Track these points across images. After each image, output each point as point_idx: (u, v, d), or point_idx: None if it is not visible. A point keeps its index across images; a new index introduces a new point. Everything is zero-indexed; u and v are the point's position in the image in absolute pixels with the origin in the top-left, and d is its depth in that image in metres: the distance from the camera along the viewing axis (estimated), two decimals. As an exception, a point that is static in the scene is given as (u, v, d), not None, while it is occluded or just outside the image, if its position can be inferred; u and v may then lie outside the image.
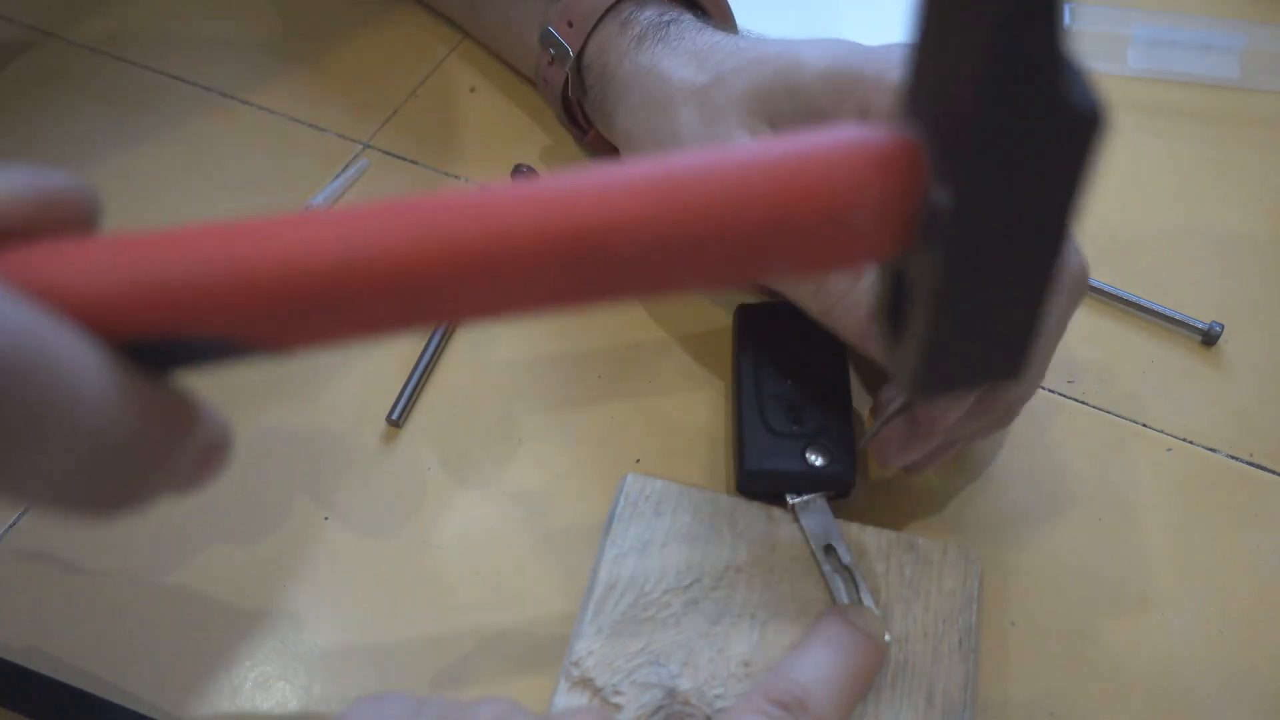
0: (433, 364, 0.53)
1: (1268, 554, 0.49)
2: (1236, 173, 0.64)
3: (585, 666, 0.42)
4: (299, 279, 0.25)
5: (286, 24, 0.69)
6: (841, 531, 0.46)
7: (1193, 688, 0.45)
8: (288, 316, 0.26)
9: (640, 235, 0.26)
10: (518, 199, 0.26)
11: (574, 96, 0.58)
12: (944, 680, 0.42)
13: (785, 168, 0.25)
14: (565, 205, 0.26)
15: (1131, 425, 0.53)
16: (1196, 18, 0.70)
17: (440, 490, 0.49)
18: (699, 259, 0.26)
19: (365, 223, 0.26)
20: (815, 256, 0.27)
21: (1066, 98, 0.24)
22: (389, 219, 0.26)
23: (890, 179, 0.26)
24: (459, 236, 0.26)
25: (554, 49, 0.57)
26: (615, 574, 0.44)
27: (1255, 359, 0.56)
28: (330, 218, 0.26)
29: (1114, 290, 0.58)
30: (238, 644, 0.45)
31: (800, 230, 0.26)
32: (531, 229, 0.26)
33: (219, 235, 0.26)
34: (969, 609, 0.44)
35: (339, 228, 0.26)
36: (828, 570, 0.45)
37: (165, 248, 0.26)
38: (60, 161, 0.60)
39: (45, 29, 0.67)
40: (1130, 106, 0.67)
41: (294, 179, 0.60)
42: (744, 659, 0.42)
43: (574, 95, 0.58)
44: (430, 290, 0.26)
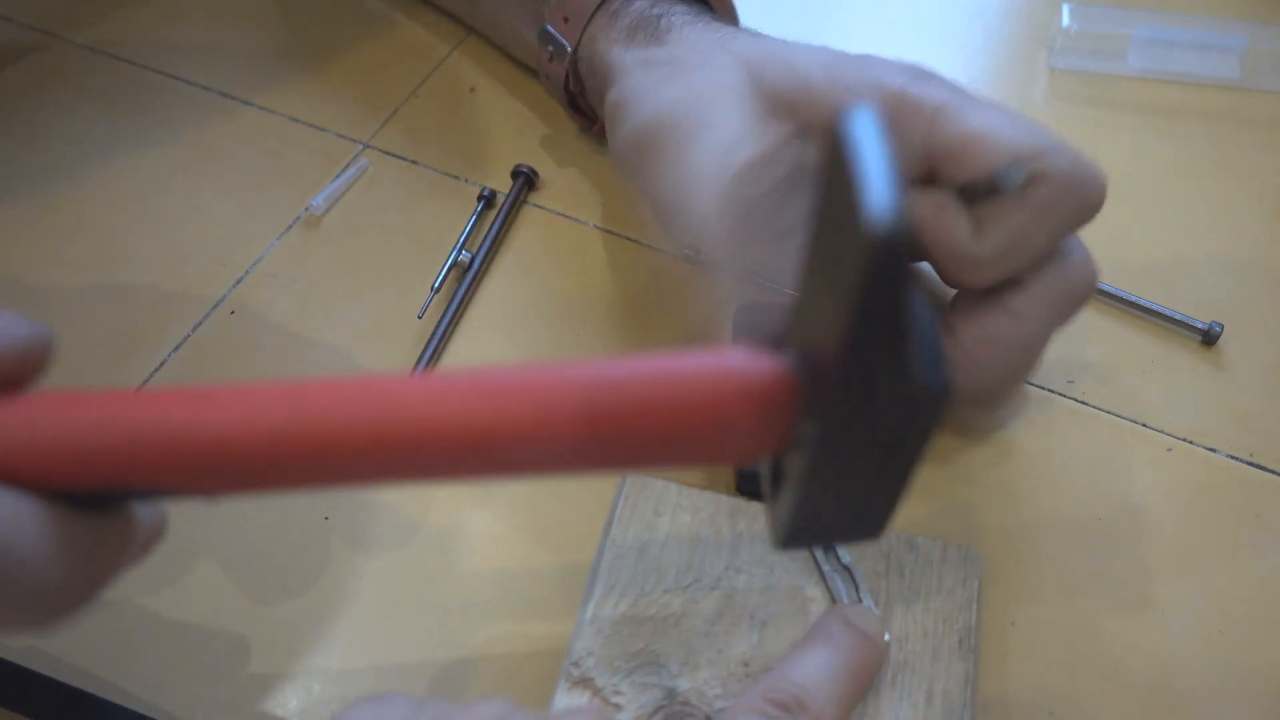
0: (433, 364, 0.53)
1: (1268, 554, 0.49)
2: (1237, 172, 0.64)
3: (585, 666, 0.41)
4: (221, 450, 0.28)
5: (287, 24, 0.69)
6: None
7: (1193, 688, 0.45)
8: (211, 479, 0.29)
9: (535, 440, 0.29)
10: (427, 397, 0.29)
11: (574, 90, 0.58)
12: (944, 680, 0.42)
13: (682, 391, 0.29)
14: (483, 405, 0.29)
15: (1131, 425, 0.53)
16: (1196, 18, 0.70)
17: (440, 490, 0.49)
18: (587, 456, 0.29)
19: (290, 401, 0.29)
20: (701, 457, 0.30)
21: (915, 376, 0.26)
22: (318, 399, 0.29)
23: (766, 409, 0.29)
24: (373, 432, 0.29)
25: (552, 45, 0.57)
26: (615, 574, 0.44)
27: (1255, 359, 0.56)
28: (261, 392, 0.29)
29: (1114, 290, 0.57)
30: (237, 644, 0.44)
31: (691, 441, 0.29)
32: (440, 427, 0.29)
33: (148, 402, 0.29)
34: (969, 609, 0.44)
35: (259, 406, 0.29)
36: (828, 570, 0.44)
37: (102, 410, 0.28)
38: (60, 162, 0.60)
39: (46, 29, 0.67)
40: (1130, 106, 0.67)
41: (294, 179, 0.60)
42: (744, 659, 0.42)
43: (574, 89, 0.58)
44: (328, 470, 0.29)
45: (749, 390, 0.29)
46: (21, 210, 0.58)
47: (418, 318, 0.55)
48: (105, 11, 0.68)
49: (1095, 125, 0.66)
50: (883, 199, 0.22)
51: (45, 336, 0.30)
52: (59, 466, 0.28)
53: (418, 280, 0.56)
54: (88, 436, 0.28)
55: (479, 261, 0.57)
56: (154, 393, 0.29)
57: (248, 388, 0.29)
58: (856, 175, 0.23)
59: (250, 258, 0.57)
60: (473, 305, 0.56)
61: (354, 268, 0.57)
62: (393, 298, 0.56)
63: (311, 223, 0.59)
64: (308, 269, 0.57)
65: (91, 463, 0.28)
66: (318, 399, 0.29)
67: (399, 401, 0.29)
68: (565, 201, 0.60)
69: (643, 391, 0.29)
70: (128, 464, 0.28)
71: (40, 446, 0.28)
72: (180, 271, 0.56)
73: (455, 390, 0.29)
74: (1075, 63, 0.69)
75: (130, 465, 0.28)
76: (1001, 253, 0.43)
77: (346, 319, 0.55)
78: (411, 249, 0.58)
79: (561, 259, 0.58)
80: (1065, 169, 0.42)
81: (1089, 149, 0.64)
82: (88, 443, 0.28)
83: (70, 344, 0.53)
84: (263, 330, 0.54)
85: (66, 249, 0.57)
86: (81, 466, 0.28)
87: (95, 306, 0.54)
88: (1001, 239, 0.43)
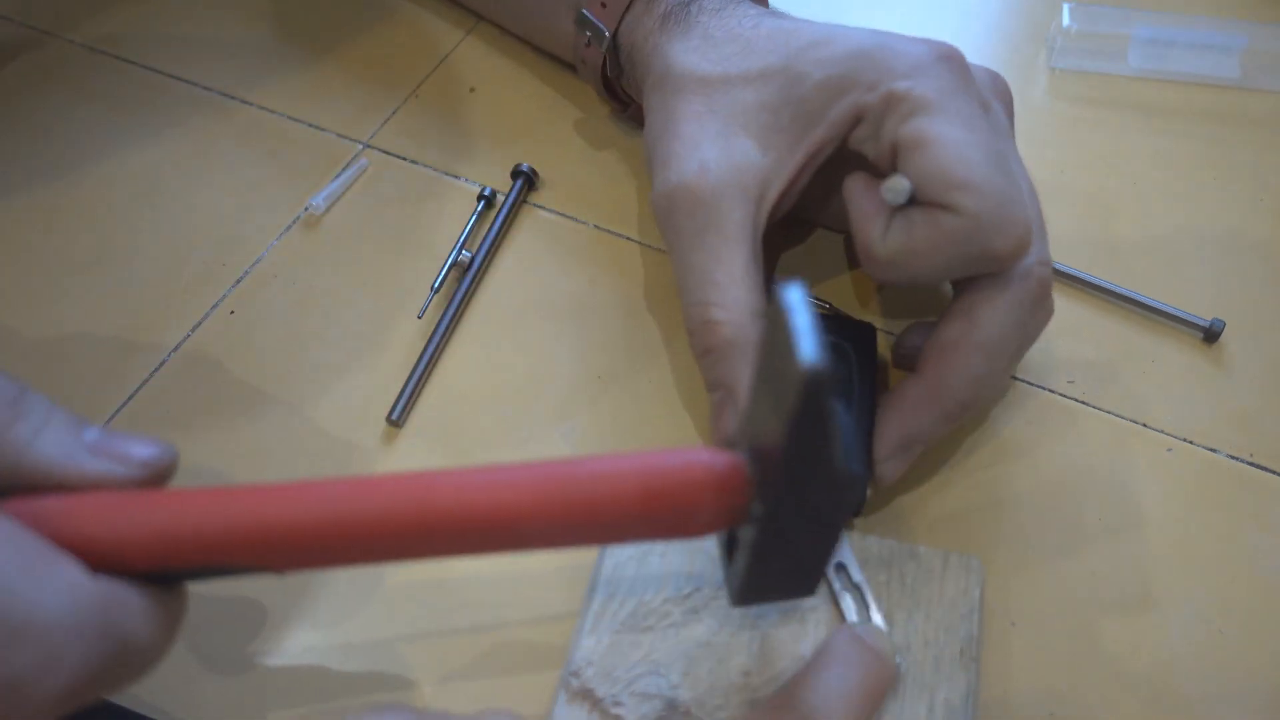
0: (433, 364, 0.53)
1: (1268, 554, 0.48)
2: (1237, 171, 0.63)
3: (585, 677, 0.41)
4: (293, 538, 0.35)
5: (287, 24, 0.68)
6: (851, 547, 0.45)
7: (1193, 688, 0.44)
8: (282, 557, 0.35)
9: (542, 519, 0.35)
10: (452, 486, 0.35)
11: (612, 75, 0.59)
12: (945, 690, 0.41)
13: (656, 486, 0.35)
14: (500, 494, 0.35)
15: (1131, 425, 0.52)
16: (1196, 18, 0.70)
17: None
18: (586, 532, 0.36)
19: (349, 496, 0.35)
20: (666, 534, 0.36)
21: (839, 466, 0.33)
22: (366, 494, 0.35)
23: (722, 495, 0.35)
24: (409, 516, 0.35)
25: (590, 30, 0.57)
26: (614, 584, 0.43)
27: (1257, 357, 0.55)
28: (317, 490, 0.35)
29: (1115, 288, 0.57)
30: (238, 644, 0.44)
31: (659, 523, 0.36)
32: (460, 513, 0.35)
33: (248, 499, 0.35)
34: (971, 618, 0.43)
35: (322, 500, 0.35)
36: (838, 588, 0.44)
37: (212, 504, 0.35)
38: (60, 161, 0.60)
39: (45, 29, 0.66)
40: (1130, 106, 0.67)
41: (294, 179, 0.60)
42: (745, 669, 0.41)
43: (612, 74, 0.58)
44: (378, 548, 0.35)
45: (712, 479, 0.35)
46: (21, 209, 0.58)
47: (418, 317, 0.54)
48: (105, 9, 0.68)
49: (1095, 125, 0.66)
50: (811, 353, 0.31)
51: (173, 456, 0.37)
52: (174, 550, 0.34)
53: (418, 280, 0.56)
54: (191, 528, 0.34)
55: (479, 261, 0.56)
56: (236, 490, 0.36)
57: (312, 484, 0.36)
58: (794, 333, 0.31)
59: (250, 257, 0.56)
60: (473, 305, 0.55)
61: (354, 267, 0.56)
62: (393, 297, 0.55)
63: (311, 222, 0.58)
64: (308, 269, 0.56)
65: (189, 549, 0.34)
66: (368, 493, 0.35)
67: (429, 494, 0.35)
68: (565, 201, 0.60)
69: (634, 480, 0.35)
70: (216, 549, 0.35)
71: (164, 534, 0.34)
72: (180, 271, 0.56)
73: (474, 485, 0.35)
74: (1075, 62, 0.68)
75: (215, 550, 0.35)
76: (894, 258, 0.45)
77: (346, 319, 0.54)
78: (411, 249, 0.57)
79: (561, 259, 0.57)
80: (976, 212, 0.43)
81: (1089, 148, 0.65)
82: (189, 533, 0.34)
83: (71, 344, 0.52)
84: (263, 330, 0.54)
85: (66, 248, 0.56)
86: (183, 552, 0.34)
87: (95, 306, 0.54)
88: (896, 246, 0.45)
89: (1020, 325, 0.46)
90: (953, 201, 0.43)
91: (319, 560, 0.36)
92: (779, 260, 0.57)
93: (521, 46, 0.67)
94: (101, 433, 0.36)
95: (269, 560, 0.35)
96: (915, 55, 0.46)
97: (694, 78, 0.50)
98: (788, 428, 0.32)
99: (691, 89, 0.50)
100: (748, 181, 0.48)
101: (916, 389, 0.46)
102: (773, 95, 0.49)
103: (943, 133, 0.43)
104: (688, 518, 0.36)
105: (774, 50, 0.50)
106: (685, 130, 0.50)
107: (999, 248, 0.43)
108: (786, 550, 0.37)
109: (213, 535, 0.34)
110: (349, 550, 0.35)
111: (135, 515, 0.34)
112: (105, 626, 0.32)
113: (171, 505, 0.35)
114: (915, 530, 0.48)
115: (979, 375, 0.45)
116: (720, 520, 0.36)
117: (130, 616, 0.33)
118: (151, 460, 0.36)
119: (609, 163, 0.62)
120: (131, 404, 0.51)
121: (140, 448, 0.36)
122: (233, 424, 0.50)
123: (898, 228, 0.45)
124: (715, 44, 0.51)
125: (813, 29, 0.50)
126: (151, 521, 0.34)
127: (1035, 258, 0.45)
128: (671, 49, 0.52)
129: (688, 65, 0.51)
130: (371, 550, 0.35)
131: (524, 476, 0.35)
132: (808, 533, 0.36)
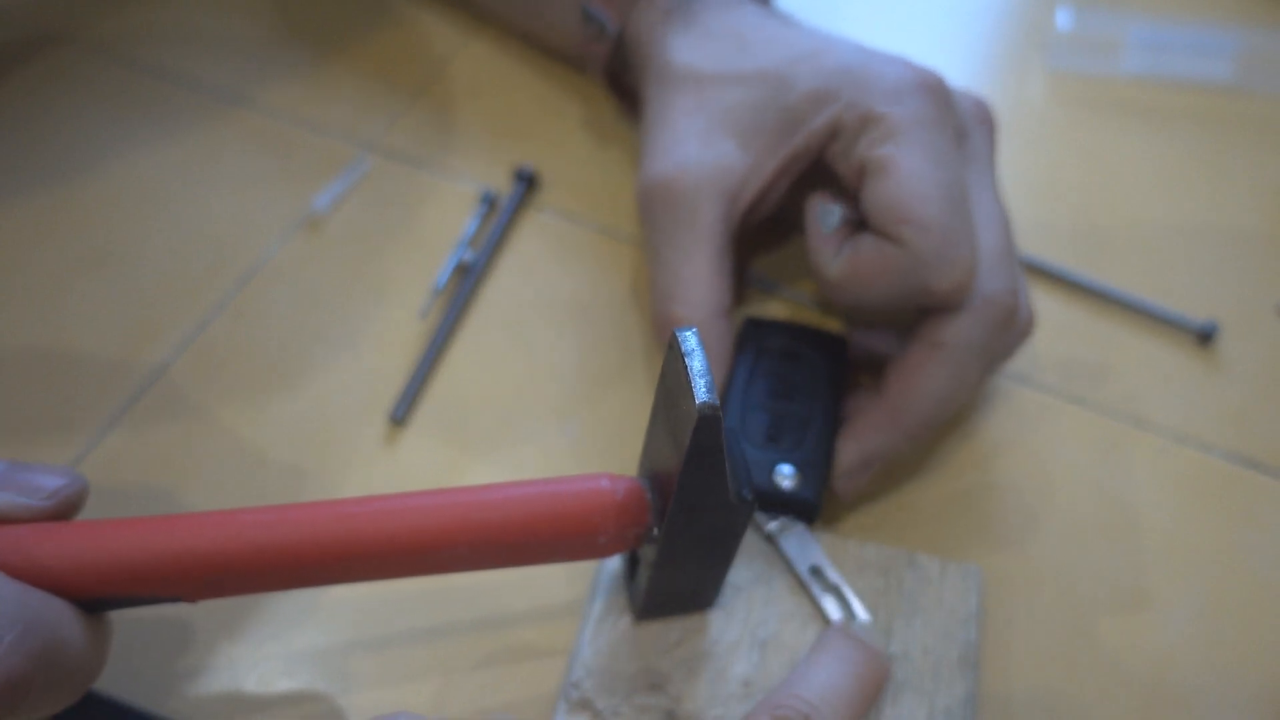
0: (435, 364, 0.52)
1: (1263, 553, 0.48)
2: (1231, 173, 0.63)
3: (584, 688, 0.39)
4: (219, 562, 0.35)
5: (291, 28, 0.67)
6: (825, 548, 0.44)
7: (1189, 685, 0.44)
8: (200, 585, 0.35)
9: (463, 542, 0.36)
10: (368, 514, 0.36)
11: (618, 70, 0.58)
12: (945, 697, 0.40)
13: (561, 509, 0.37)
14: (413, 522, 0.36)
15: (1127, 425, 0.52)
16: (1192, 20, 0.69)
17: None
18: (498, 556, 0.37)
19: (264, 524, 0.36)
20: (574, 555, 0.38)
21: (730, 497, 0.36)
22: (281, 522, 0.36)
23: (624, 518, 0.37)
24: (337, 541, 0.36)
25: (595, 26, 0.56)
26: (614, 595, 0.42)
27: (1250, 358, 0.55)
28: (240, 519, 0.36)
29: (1109, 289, 0.56)
30: (239, 645, 0.43)
31: (566, 545, 0.37)
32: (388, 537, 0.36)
33: (160, 528, 0.35)
34: (969, 625, 0.42)
35: (243, 526, 0.35)
36: (817, 591, 0.42)
37: (120, 535, 0.35)
38: (68, 163, 0.58)
39: (51, 32, 0.65)
40: (1126, 108, 0.66)
41: (298, 181, 0.58)
42: (744, 679, 0.40)
43: (618, 69, 0.58)
44: (307, 573, 0.36)
45: (614, 503, 0.37)
46: (29, 210, 0.56)
47: (420, 318, 0.53)
48: (111, 14, 0.66)
49: (1091, 127, 0.65)
50: (705, 394, 0.33)
51: (82, 485, 0.36)
52: (88, 581, 0.34)
53: (420, 281, 0.54)
54: (112, 557, 0.34)
55: (481, 263, 0.55)
56: (166, 520, 0.36)
57: (232, 514, 0.36)
58: (690, 374, 0.33)
59: (255, 259, 0.55)
60: (475, 306, 0.54)
61: (357, 269, 0.55)
62: (395, 299, 0.54)
63: (315, 224, 0.57)
64: (311, 270, 0.55)
65: (112, 577, 0.34)
66: (280, 522, 0.36)
67: (349, 521, 0.36)
68: (567, 203, 0.59)
69: (541, 505, 0.37)
70: (118, 579, 0.34)
71: (78, 565, 0.34)
72: (185, 273, 0.54)
73: (389, 511, 0.36)
74: (1071, 65, 0.68)
75: (118, 580, 0.34)
76: (841, 281, 0.45)
77: (350, 320, 0.53)
78: (414, 250, 0.56)
79: (563, 260, 0.56)
80: (920, 248, 0.43)
81: (1084, 150, 0.63)
82: (110, 562, 0.34)
83: (76, 345, 0.51)
84: (267, 330, 0.52)
85: (73, 249, 0.55)
86: (104, 580, 0.34)
87: (100, 307, 0.53)
88: (844, 269, 0.45)
89: (983, 350, 0.45)
90: (900, 234, 0.43)
91: (230, 588, 0.36)
92: (763, 262, 0.56)
93: (523, 48, 0.66)
94: (9, 465, 0.36)
95: (178, 589, 0.35)
96: (898, 79, 0.46)
97: (690, 73, 0.50)
98: (683, 461, 0.34)
99: (686, 84, 0.50)
100: (725, 182, 0.48)
101: (879, 409, 0.46)
102: (760, 97, 0.48)
103: (905, 164, 0.43)
104: (592, 539, 0.37)
105: (770, 54, 0.49)
106: (673, 125, 0.50)
107: (937, 286, 0.43)
108: (684, 568, 0.39)
109: (113, 565, 0.34)
110: (259, 579, 0.36)
111: (46, 545, 0.34)
112: (32, 619, 0.32)
113: (74, 537, 0.35)
114: (909, 532, 0.47)
115: (941, 397, 0.45)
116: (623, 541, 0.38)
117: (54, 613, 0.33)
118: (59, 490, 0.35)
119: (610, 165, 0.61)
120: (138, 405, 0.49)
121: (48, 478, 0.35)
122: (237, 423, 0.49)
123: (848, 251, 0.45)
124: (715, 40, 0.51)
125: (811, 39, 0.50)
126: (58, 552, 0.34)
127: (1002, 285, 0.45)
128: (673, 43, 0.52)
129: (685, 60, 0.51)
130: (279, 578, 0.36)
131: (438, 503, 0.37)
132: (704, 552, 0.39)
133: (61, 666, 0.32)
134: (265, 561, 0.35)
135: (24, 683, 0.31)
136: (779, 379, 0.48)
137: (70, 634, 0.33)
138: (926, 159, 0.43)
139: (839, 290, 0.46)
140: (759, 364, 0.48)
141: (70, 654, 0.33)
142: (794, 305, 0.55)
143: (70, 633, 0.33)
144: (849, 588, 0.42)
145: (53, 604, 0.33)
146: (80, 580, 0.34)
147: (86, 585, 0.34)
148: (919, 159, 0.43)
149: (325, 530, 0.36)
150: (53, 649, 0.32)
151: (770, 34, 0.50)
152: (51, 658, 0.32)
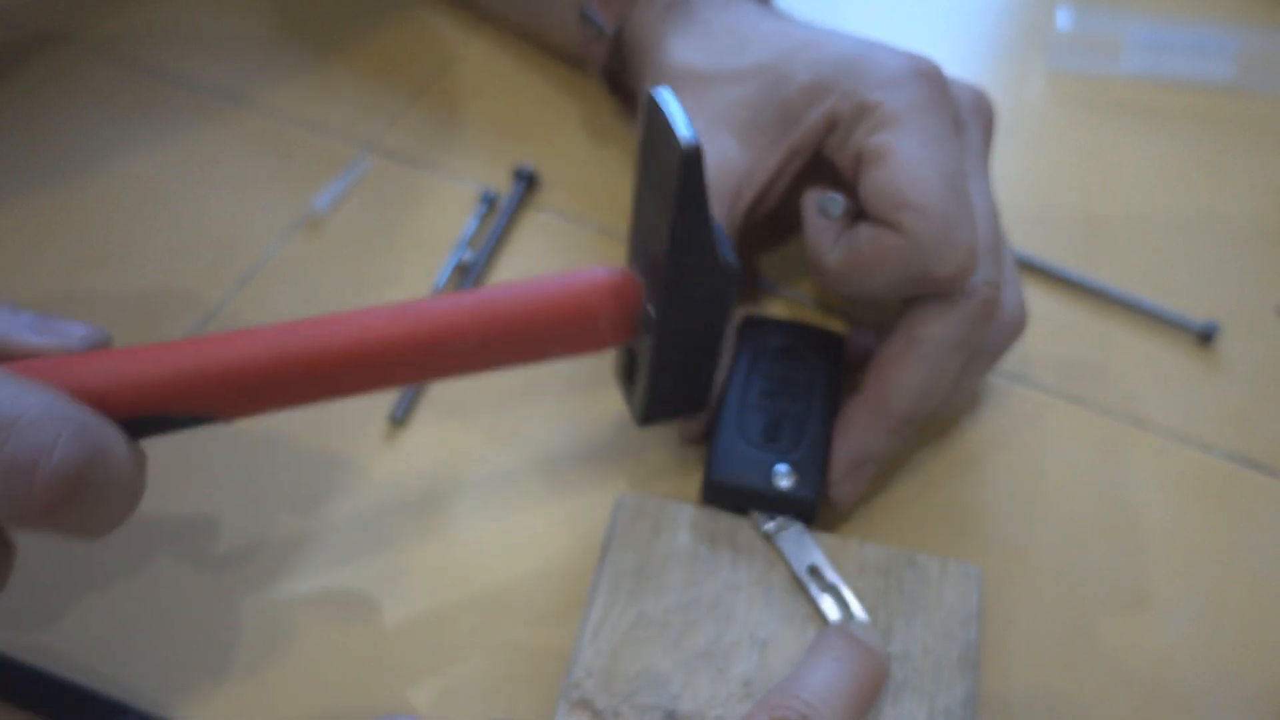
0: (435, 366, 0.51)
1: (1263, 553, 0.48)
2: (1231, 173, 0.63)
3: (584, 689, 0.39)
4: (245, 374, 0.37)
5: (291, 28, 0.67)
6: (825, 549, 0.43)
7: (1189, 686, 0.44)
8: (230, 398, 0.37)
9: (473, 335, 0.39)
10: (387, 315, 0.38)
11: (617, 70, 0.58)
12: (945, 698, 0.40)
13: (560, 297, 0.40)
14: (424, 319, 0.39)
15: (1127, 425, 0.51)
16: (1191, 20, 0.69)
17: (442, 490, 0.47)
18: (506, 349, 0.40)
19: (285, 334, 0.38)
20: (578, 346, 0.41)
21: (719, 259, 0.39)
22: (302, 331, 0.38)
23: (620, 301, 0.40)
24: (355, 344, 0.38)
25: (593, 26, 0.56)
26: (614, 594, 0.42)
27: (1251, 358, 0.54)
28: (263, 332, 0.38)
29: (1109, 289, 0.56)
30: (240, 644, 0.43)
31: (569, 333, 0.40)
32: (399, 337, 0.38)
33: (188, 346, 0.37)
34: (970, 625, 0.42)
35: (267, 337, 0.37)
36: (815, 591, 0.42)
37: (154, 357, 0.37)
38: (67, 163, 0.58)
39: (51, 32, 0.65)
40: (1126, 108, 0.66)
41: (297, 181, 0.58)
42: (745, 679, 0.40)
43: (617, 69, 0.57)
44: (329, 379, 0.38)
45: (608, 287, 0.40)
46: (29, 210, 0.56)
47: (420, 319, 0.52)
48: (110, 14, 0.66)
49: (1091, 127, 0.65)
50: (685, 130, 0.35)
51: (108, 336, 0.38)
52: (125, 398, 0.36)
53: (420, 281, 0.54)
54: (144, 377, 0.36)
55: (481, 263, 0.55)
56: (193, 341, 0.38)
57: (256, 330, 0.38)
58: (668, 121, 0.35)
59: (254, 259, 0.55)
60: (475, 307, 0.53)
61: (357, 269, 0.55)
62: (395, 298, 0.53)
63: (315, 224, 0.56)
64: (311, 270, 0.55)
65: (149, 392, 0.36)
66: (300, 331, 0.38)
67: (364, 325, 0.38)
68: (567, 203, 0.59)
69: (544, 295, 0.39)
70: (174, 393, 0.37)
71: (117, 383, 0.36)
72: (185, 273, 0.54)
73: (408, 313, 0.38)
74: (1071, 65, 0.68)
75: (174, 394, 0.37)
76: (840, 271, 0.45)
77: (349, 321, 0.53)
78: (414, 250, 0.56)
79: (563, 260, 0.56)
80: (920, 234, 0.42)
81: (1084, 150, 0.63)
82: (144, 381, 0.36)
83: (74, 347, 0.51)
84: (266, 333, 0.52)
85: (73, 249, 0.55)
86: (141, 396, 0.36)
87: (100, 307, 0.53)
88: (843, 259, 0.44)
89: (962, 343, 0.44)
90: (899, 220, 0.42)
91: (259, 400, 0.38)
92: (763, 262, 0.56)
93: (523, 47, 0.66)
94: (38, 316, 0.38)
95: (211, 405, 0.37)
96: (893, 68, 0.45)
97: (688, 72, 0.50)
98: (671, 209, 0.36)
99: (684, 83, 0.50)
100: (727, 182, 0.47)
101: (860, 407, 0.45)
102: (758, 93, 0.48)
103: (903, 150, 0.43)
104: (593, 324, 0.40)
105: (767, 49, 0.49)
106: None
107: (939, 272, 0.42)
108: (679, 356, 0.42)
109: (150, 381, 0.36)
110: (290, 388, 0.37)
111: (84, 369, 0.36)
112: (84, 428, 0.33)
113: (114, 359, 0.37)
114: (909, 532, 0.47)
115: (919, 391, 0.44)
116: (621, 327, 0.40)
117: (103, 428, 0.34)
118: (89, 336, 0.38)
119: (610, 164, 0.60)
120: (135, 406, 0.49)
121: (77, 326, 0.38)
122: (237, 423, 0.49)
123: (846, 241, 0.44)
124: (713, 38, 0.51)
125: (808, 33, 0.50)
126: (98, 371, 0.36)
127: (982, 277, 0.44)
128: (671, 42, 0.51)
129: (684, 59, 0.50)
130: (308, 387, 0.38)
131: (451, 303, 0.39)
132: (697, 332, 0.41)
133: (111, 475, 0.34)
134: (289, 369, 0.37)
135: (80, 476, 0.33)
136: (777, 378, 0.47)
137: (117, 445, 0.34)
138: (923, 144, 0.43)
139: (838, 282, 0.45)
140: (757, 363, 0.48)
141: (118, 464, 0.34)
142: (793, 305, 0.55)
143: (116, 444, 0.34)
144: (847, 587, 0.42)
145: (99, 417, 0.35)
146: (119, 398, 0.36)
147: (124, 402, 0.36)
148: (916, 144, 0.43)
149: (345, 334, 0.38)
150: (104, 452, 0.34)
151: (767, 30, 0.50)
152: (104, 459, 0.33)
